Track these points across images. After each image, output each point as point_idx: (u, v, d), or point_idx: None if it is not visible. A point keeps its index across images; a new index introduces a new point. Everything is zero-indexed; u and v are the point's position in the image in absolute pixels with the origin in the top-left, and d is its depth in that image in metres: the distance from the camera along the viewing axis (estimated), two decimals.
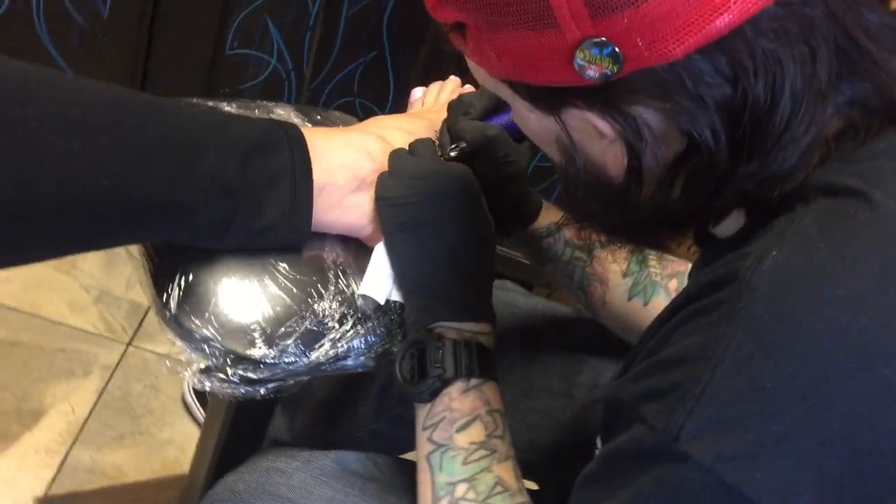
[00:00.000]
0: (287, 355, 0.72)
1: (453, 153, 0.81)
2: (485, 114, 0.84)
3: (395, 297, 0.77)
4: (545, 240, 0.91)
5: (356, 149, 0.77)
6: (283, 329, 0.72)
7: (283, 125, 0.74)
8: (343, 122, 0.95)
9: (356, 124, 0.86)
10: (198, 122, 0.69)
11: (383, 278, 0.76)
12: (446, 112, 0.85)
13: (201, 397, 1.51)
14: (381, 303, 0.76)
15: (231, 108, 0.87)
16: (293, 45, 1.54)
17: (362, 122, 0.86)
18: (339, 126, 0.91)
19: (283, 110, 0.91)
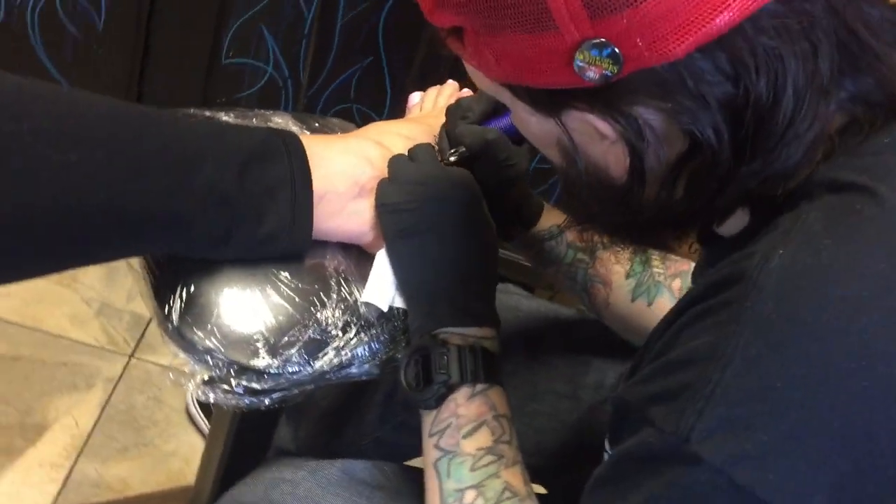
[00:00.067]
0: (291, 365, 0.71)
1: (453, 158, 0.81)
2: (483, 117, 0.83)
3: (398, 303, 0.76)
4: (547, 242, 0.90)
5: (355, 155, 0.77)
6: (286, 339, 0.71)
7: (281, 133, 0.73)
8: (341, 128, 0.94)
9: (355, 131, 0.86)
10: (194, 132, 0.68)
11: (386, 285, 0.76)
12: (445, 117, 0.85)
13: (205, 408, 1.51)
14: (384, 310, 0.76)
15: (228, 118, 0.86)
16: (289, 52, 1.54)
17: (361, 128, 0.85)
18: (337, 133, 0.91)
19: (280, 118, 0.90)
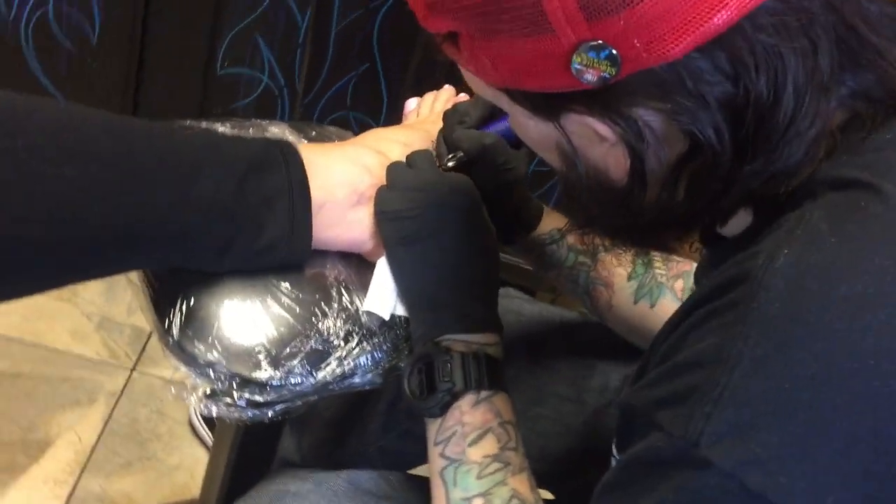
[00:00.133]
0: (293, 376, 0.71)
1: (451, 163, 0.80)
2: (481, 122, 0.83)
3: (400, 311, 0.76)
4: (548, 246, 0.90)
5: (353, 163, 0.76)
6: (288, 350, 0.71)
7: (278, 143, 0.73)
8: (338, 136, 0.94)
9: (352, 138, 0.86)
10: (191, 144, 0.68)
11: (387, 293, 0.75)
12: (442, 122, 0.85)
13: (209, 420, 1.50)
14: (386, 318, 0.75)
15: (225, 129, 0.86)
16: (284, 61, 1.54)
17: (358, 135, 0.85)
18: (334, 141, 0.90)
19: (277, 128, 0.90)
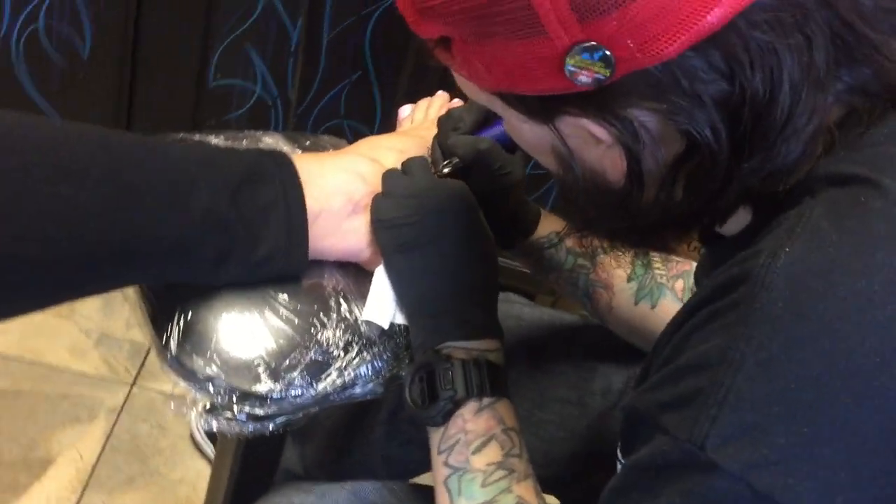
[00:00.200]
0: (293, 388, 0.70)
1: (446, 169, 0.80)
2: (475, 127, 0.83)
3: (399, 319, 0.75)
4: (547, 250, 0.89)
5: (348, 172, 0.76)
6: (287, 362, 0.70)
7: (272, 154, 0.73)
8: (333, 145, 0.94)
9: (346, 147, 0.85)
10: (184, 159, 0.68)
11: (386, 302, 0.75)
12: (436, 128, 0.84)
13: (211, 434, 1.50)
14: (385, 327, 0.75)
15: (218, 141, 0.85)
16: (276, 71, 1.53)
17: (352, 144, 0.85)
18: (329, 150, 0.90)
19: (271, 138, 0.89)
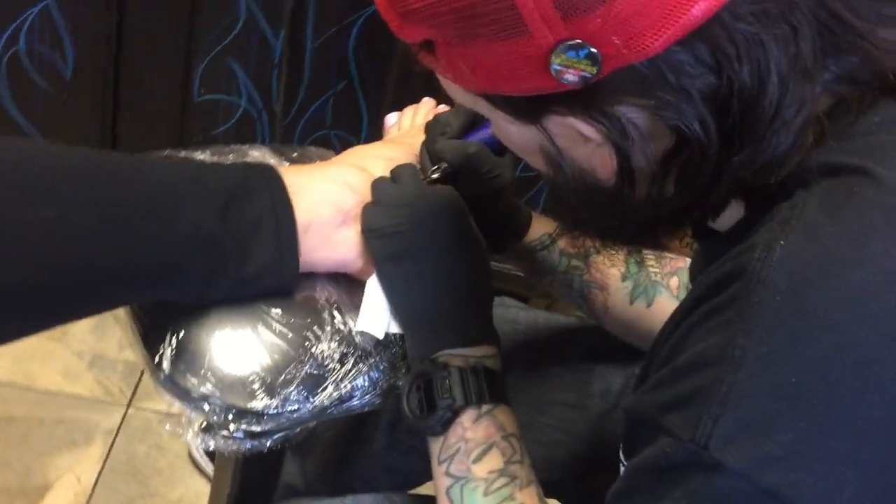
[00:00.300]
0: (290, 403, 0.69)
1: (435, 175, 0.80)
2: (462, 131, 0.82)
3: (394, 329, 0.74)
4: (539, 253, 0.89)
5: (336, 183, 0.75)
6: (283, 377, 0.70)
7: (259, 168, 0.72)
8: (320, 156, 0.93)
9: (334, 157, 0.85)
10: (171, 176, 0.67)
11: (380, 312, 0.74)
12: (424, 134, 0.84)
13: (209, 452, 1.49)
14: (381, 337, 0.74)
15: (205, 156, 0.85)
16: (261, 84, 1.53)
17: (340, 154, 0.84)
18: (316, 161, 0.89)
19: (257, 152, 0.89)
